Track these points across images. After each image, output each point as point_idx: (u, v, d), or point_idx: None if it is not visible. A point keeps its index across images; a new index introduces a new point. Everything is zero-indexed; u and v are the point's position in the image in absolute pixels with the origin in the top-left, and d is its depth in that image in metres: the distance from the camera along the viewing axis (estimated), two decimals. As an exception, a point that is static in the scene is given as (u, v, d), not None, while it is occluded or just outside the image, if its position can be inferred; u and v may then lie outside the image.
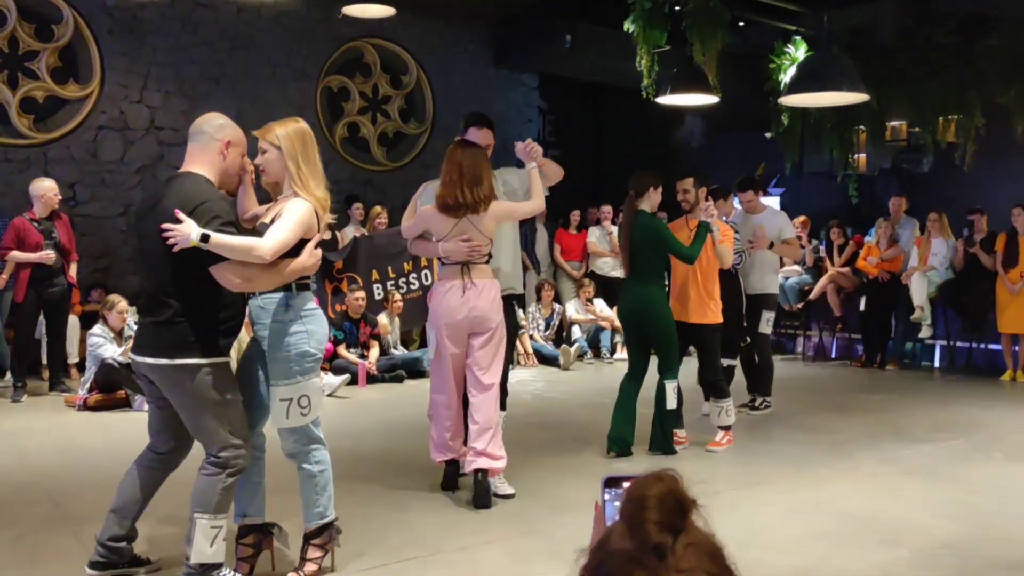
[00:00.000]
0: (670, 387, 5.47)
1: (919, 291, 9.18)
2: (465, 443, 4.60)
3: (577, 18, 11.16)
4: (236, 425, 3.35)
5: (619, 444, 5.52)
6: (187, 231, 3.12)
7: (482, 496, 4.42)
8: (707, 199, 5.76)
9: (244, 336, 3.65)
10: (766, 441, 6.22)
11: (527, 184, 4.60)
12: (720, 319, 5.83)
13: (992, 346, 9.19)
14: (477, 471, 4.42)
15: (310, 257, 3.38)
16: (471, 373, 4.48)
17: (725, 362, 6.20)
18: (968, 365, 9.32)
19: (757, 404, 7.00)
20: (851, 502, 4.62)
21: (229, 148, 3.39)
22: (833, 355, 10.38)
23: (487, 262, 4.46)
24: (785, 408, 7.19)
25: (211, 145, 3.37)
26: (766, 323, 6.83)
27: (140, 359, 3.33)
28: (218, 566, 3.29)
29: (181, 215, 3.14)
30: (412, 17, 11.15)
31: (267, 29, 10.76)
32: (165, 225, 3.14)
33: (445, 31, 12.14)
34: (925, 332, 9.36)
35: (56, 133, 9.69)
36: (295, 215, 3.32)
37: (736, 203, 7.18)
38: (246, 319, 3.52)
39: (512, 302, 4.88)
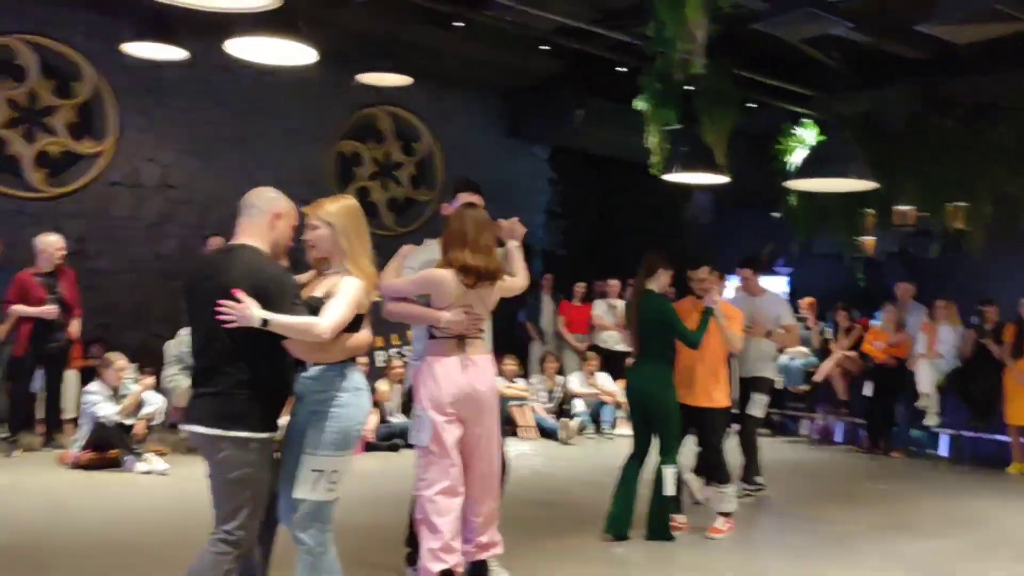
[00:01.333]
0: (669, 472, 5.36)
1: (926, 378, 9.08)
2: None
3: (589, 93, 11.31)
4: (260, 508, 3.34)
5: (617, 526, 5.41)
6: (248, 313, 3.16)
7: None
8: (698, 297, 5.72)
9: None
10: (767, 530, 6.08)
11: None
12: (727, 403, 5.76)
13: (1000, 437, 9.04)
14: (478, 563, 4.22)
15: (369, 335, 3.53)
16: (475, 462, 4.14)
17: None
18: (975, 455, 9.16)
19: (748, 491, 6.80)
20: (854, 599, 4.49)
21: (279, 220, 3.44)
22: (837, 439, 10.23)
23: (480, 337, 4.17)
24: (788, 494, 7.06)
25: (261, 218, 3.42)
26: (756, 405, 6.71)
27: (190, 428, 3.31)
28: None
29: (241, 295, 3.17)
30: (427, 86, 11.28)
31: (284, 94, 10.89)
32: (224, 303, 3.16)
33: (459, 101, 12.30)
34: (931, 420, 9.24)
35: (69, 188, 9.76)
36: (349, 293, 3.39)
37: (734, 280, 7.14)
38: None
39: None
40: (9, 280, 7.68)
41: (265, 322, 3.18)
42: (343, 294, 3.39)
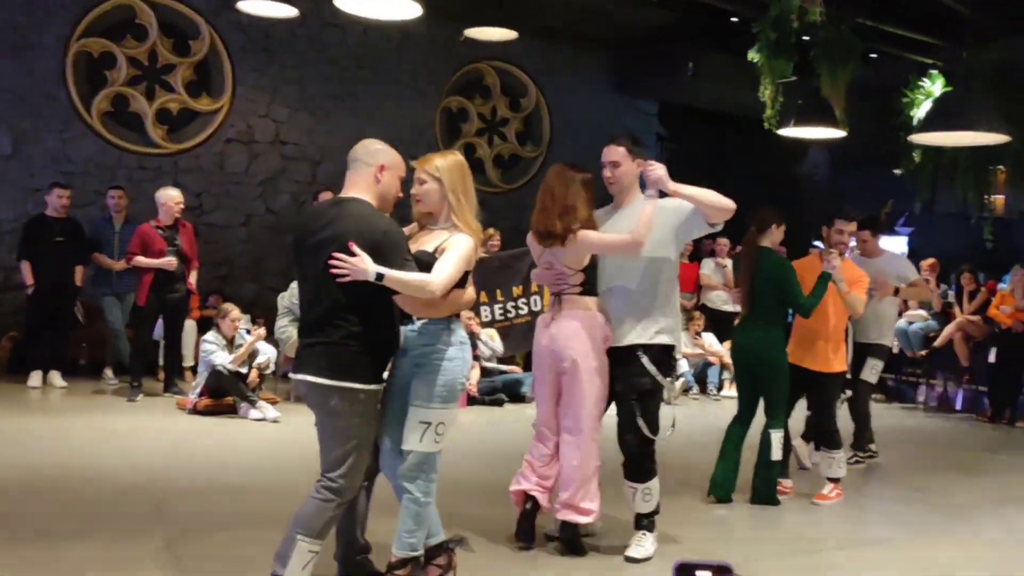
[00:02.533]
0: (776, 437, 5.20)
1: (1057, 345, 8.57)
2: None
3: (699, 45, 10.97)
4: (365, 458, 3.39)
5: (721, 489, 5.31)
6: (362, 267, 3.17)
7: (569, 546, 4.22)
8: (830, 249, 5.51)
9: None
10: (878, 498, 5.87)
11: (680, 219, 4.13)
12: (843, 368, 5.57)
13: None
14: (564, 523, 4.22)
15: (473, 291, 3.61)
16: (561, 419, 4.23)
17: None
18: (1109, 428, 8.63)
19: (848, 459, 6.53)
20: (968, 572, 4.29)
21: (383, 172, 3.42)
22: (958, 407, 9.80)
23: (581, 294, 4.15)
24: (901, 463, 6.80)
25: (366, 171, 3.41)
26: (871, 371, 6.44)
27: (300, 377, 3.36)
28: None
29: (356, 249, 3.18)
30: (533, 41, 11.17)
31: (391, 49, 10.98)
32: (338, 256, 3.19)
33: (566, 55, 12.13)
34: (1062, 389, 8.74)
35: (187, 144, 10.10)
36: (460, 251, 3.42)
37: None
38: None
39: (637, 354, 4.14)
40: (132, 233, 8.04)
41: (380, 277, 3.19)
42: (454, 251, 3.40)
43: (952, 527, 5.09)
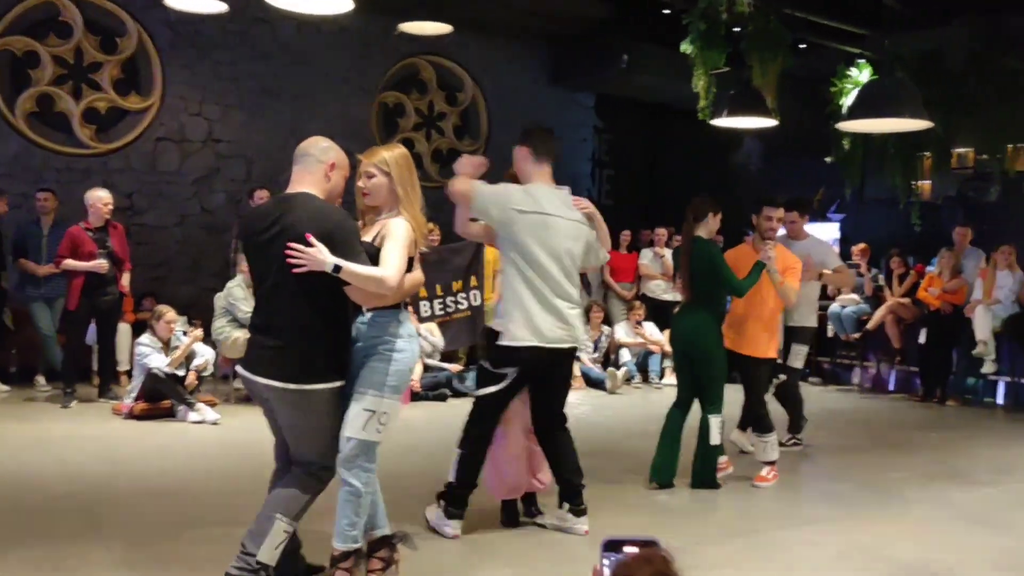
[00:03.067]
0: (714, 422, 5.30)
1: (983, 325, 8.84)
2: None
3: (634, 38, 11.06)
4: (335, 446, 3.43)
5: (661, 475, 5.38)
6: (320, 258, 3.17)
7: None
8: (766, 239, 5.63)
9: None
10: (815, 478, 6.00)
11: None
12: (774, 354, 5.68)
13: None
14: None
15: (421, 275, 3.62)
16: None
17: None
18: (1033, 403, 8.95)
19: (784, 441, 6.65)
20: (902, 548, 4.41)
21: (333, 170, 3.45)
22: (891, 388, 10.06)
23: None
24: (838, 444, 6.96)
25: (317, 167, 3.42)
26: (796, 357, 6.54)
27: (259, 380, 3.32)
28: (269, 569, 3.32)
29: (313, 240, 3.18)
30: (469, 35, 11.16)
31: (325, 45, 10.86)
32: (293, 246, 3.17)
33: (502, 49, 12.14)
34: (988, 367, 9.01)
35: (117, 144, 9.88)
36: (401, 237, 3.42)
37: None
38: None
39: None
40: (62, 235, 7.83)
41: (337, 268, 3.19)
42: (394, 238, 3.41)
43: (886, 504, 5.24)
